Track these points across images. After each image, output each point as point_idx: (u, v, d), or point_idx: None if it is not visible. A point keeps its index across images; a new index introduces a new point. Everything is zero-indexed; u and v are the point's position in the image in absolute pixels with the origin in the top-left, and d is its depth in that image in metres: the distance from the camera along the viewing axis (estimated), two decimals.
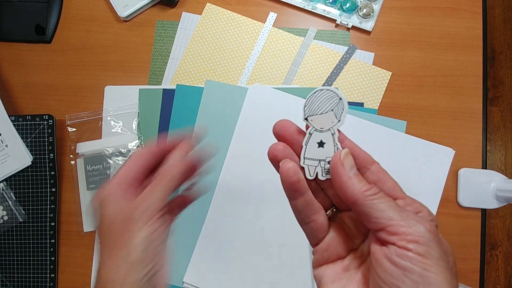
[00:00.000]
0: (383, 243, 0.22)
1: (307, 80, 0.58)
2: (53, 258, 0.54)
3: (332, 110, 0.25)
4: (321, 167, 0.25)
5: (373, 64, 0.58)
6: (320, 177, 0.26)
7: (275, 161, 0.25)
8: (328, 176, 0.26)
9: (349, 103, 0.57)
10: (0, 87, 0.59)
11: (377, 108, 0.57)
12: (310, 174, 0.25)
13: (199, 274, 0.53)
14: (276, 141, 0.26)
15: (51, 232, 0.55)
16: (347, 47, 0.59)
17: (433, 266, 0.20)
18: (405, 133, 0.56)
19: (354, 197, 0.23)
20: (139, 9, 0.59)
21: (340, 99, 0.25)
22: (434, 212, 0.54)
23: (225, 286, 0.52)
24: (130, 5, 0.58)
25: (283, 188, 0.25)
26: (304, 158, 0.26)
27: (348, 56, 0.58)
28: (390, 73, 0.58)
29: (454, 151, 0.55)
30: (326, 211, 0.26)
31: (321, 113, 0.25)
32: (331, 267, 0.25)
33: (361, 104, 0.57)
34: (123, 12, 0.58)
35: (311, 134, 0.26)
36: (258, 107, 0.56)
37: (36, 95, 0.59)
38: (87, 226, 0.55)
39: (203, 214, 0.54)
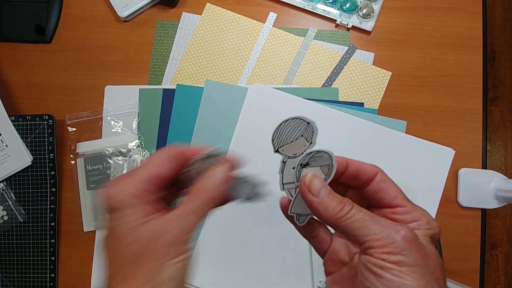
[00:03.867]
0: (364, 253, 0.23)
1: (307, 80, 0.58)
2: (53, 258, 0.54)
3: (302, 135, 0.26)
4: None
5: (373, 64, 0.58)
6: None
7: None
8: None
9: (349, 103, 0.57)
10: (0, 87, 0.59)
11: (377, 108, 0.57)
12: (291, 195, 0.27)
13: (199, 274, 0.53)
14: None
15: (51, 232, 0.55)
16: (347, 47, 0.59)
17: (406, 273, 0.21)
18: (405, 133, 0.56)
19: (329, 220, 0.24)
20: (139, 9, 0.59)
21: (308, 123, 0.26)
22: (434, 212, 0.54)
23: (225, 286, 0.52)
24: (130, 5, 0.58)
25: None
26: (283, 184, 0.27)
27: (348, 56, 0.58)
28: (390, 73, 0.58)
29: (454, 151, 0.54)
30: None
31: (291, 142, 0.26)
32: (338, 272, 0.28)
33: (361, 104, 0.57)
34: (123, 12, 0.58)
35: (285, 163, 0.27)
36: (258, 107, 0.56)
37: (36, 95, 0.59)
38: (87, 226, 0.55)
39: None
